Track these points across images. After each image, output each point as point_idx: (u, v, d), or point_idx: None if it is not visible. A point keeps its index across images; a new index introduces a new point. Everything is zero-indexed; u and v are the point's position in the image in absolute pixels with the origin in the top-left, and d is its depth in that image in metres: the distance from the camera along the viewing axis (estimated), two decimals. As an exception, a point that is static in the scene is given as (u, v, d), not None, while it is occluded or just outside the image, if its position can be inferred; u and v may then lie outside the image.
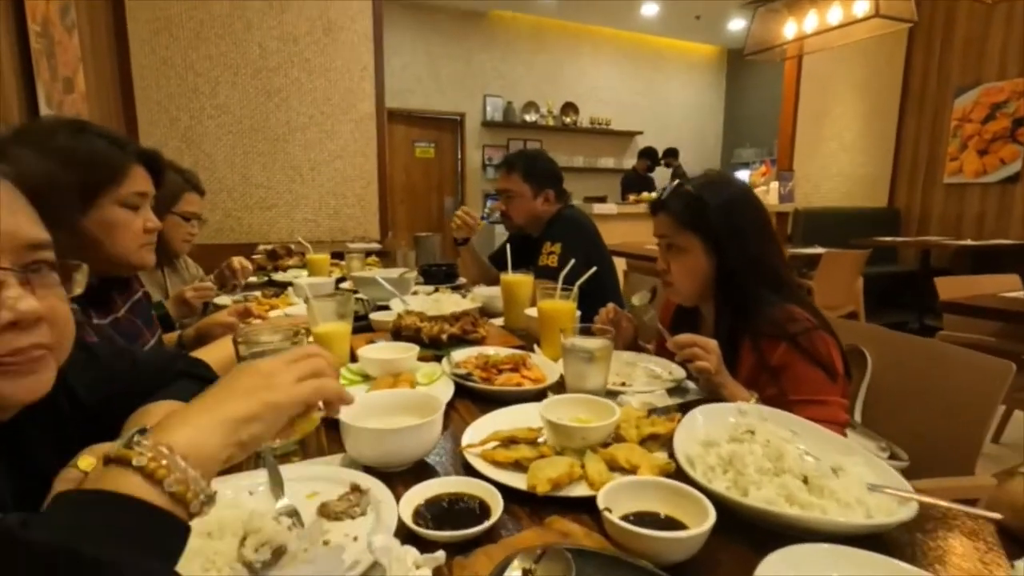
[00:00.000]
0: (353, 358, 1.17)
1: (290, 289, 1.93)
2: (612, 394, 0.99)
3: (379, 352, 1.10)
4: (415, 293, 1.92)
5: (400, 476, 0.73)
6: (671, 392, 1.03)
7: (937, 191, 6.00)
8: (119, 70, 3.93)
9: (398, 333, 1.29)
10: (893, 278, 5.51)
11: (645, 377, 1.12)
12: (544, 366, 1.12)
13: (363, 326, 1.50)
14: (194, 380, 0.79)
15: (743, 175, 7.90)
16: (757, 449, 0.65)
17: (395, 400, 0.82)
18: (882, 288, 5.21)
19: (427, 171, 7.37)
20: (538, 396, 1.01)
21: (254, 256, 2.68)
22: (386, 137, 4.88)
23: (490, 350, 1.20)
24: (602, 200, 5.55)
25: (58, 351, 0.54)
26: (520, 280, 1.48)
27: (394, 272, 2.01)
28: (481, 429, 0.83)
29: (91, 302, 1.06)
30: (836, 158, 6.41)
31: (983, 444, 1.07)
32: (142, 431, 0.43)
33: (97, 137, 1.03)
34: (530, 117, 7.56)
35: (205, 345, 1.38)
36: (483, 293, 1.72)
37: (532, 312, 1.40)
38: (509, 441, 0.74)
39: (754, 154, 8.16)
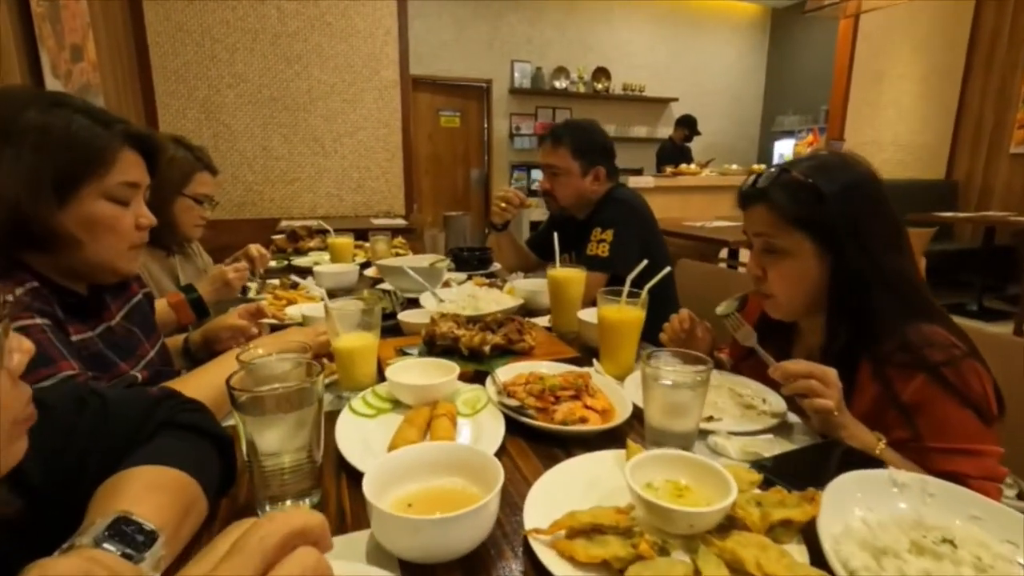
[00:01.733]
0: (379, 372, 0.99)
1: (310, 279, 1.76)
2: (700, 433, 0.79)
3: (412, 373, 0.92)
4: (446, 283, 1.74)
5: (445, 568, 0.55)
6: (774, 431, 0.83)
7: (1002, 162, 5.52)
8: (133, 37, 3.75)
9: (432, 342, 1.10)
10: (950, 256, 5.12)
11: (734, 406, 0.91)
12: (609, 389, 0.93)
13: (390, 326, 1.32)
14: (182, 432, 0.62)
15: (786, 145, 7.45)
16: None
17: (435, 458, 0.63)
18: (936, 267, 4.84)
19: (452, 141, 7.11)
20: (610, 434, 0.82)
21: (274, 237, 2.52)
22: (411, 106, 4.64)
23: (542, 367, 1.01)
24: (638, 172, 5.25)
25: None
26: (572, 277, 1.27)
27: (423, 260, 1.81)
28: (547, 494, 0.64)
29: (74, 313, 0.89)
30: (891, 125, 5.94)
31: None
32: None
33: (76, 113, 0.84)
34: (560, 84, 7.20)
35: (213, 349, 1.23)
36: (524, 287, 1.52)
37: (587, 316, 1.20)
38: (592, 529, 0.55)
39: (798, 122, 7.67)
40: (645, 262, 1.07)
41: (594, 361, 1.06)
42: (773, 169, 0.95)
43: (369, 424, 0.84)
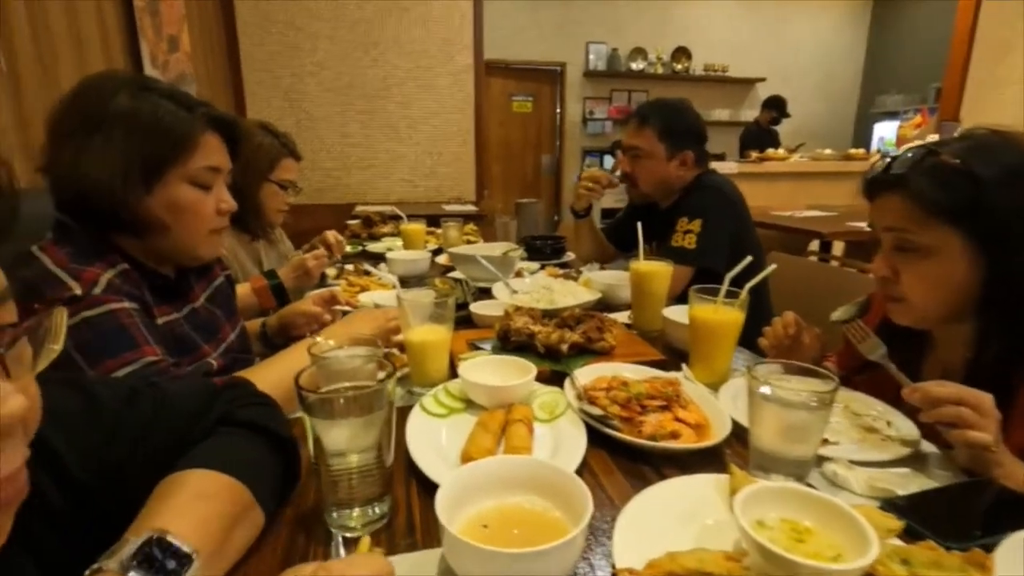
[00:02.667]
0: (451, 367, 0.94)
1: (383, 266, 1.75)
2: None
3: (485, 371, 0.86)
4: (519, 272, 1.68)
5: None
6: (906, 463, 0.70)
7: None
8: (224, 28, 3.93)
9: (506, 337, 1.04)
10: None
11: (853, 428, 0.79)
12: (702, 400, 0.83)
13: (462, 317, 1.27)
14: (241, 430, 0.58)
15: (887, 127, 6.80)
16: None
17: (514, 474, 0.57)
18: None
19: (524, 126, 7.02)
20: (706, 452, 0.72)
21: (349, 222, 2.56)
22: (484, 91, 4.60)
23: (625, 370, 0.93)
24: (720, 158, 4.93)
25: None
26: (657, 271, 1.17)
27: (496, 248, 1.76)
28: (638, 524, 0.56)
29: (161, 295, 0.90)
30: (1016, 104, 5.25)
31: None
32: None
33: (162, 98, 0.84)
34: (637, 65, 6.91)
35: (289, 334, 1.24)
36: (602, 279, 1.43)
37: (673, 315, 1.09)
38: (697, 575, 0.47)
39: (902, 101, 6.97)
40: (749, 259, 0.95)
41: (683, 367, 0.96)
42: (913, 151, 0.80)
43: (441, 425, 0.79)
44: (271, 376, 0.82)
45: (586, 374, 0.92)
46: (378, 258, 2.03)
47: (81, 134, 0.79)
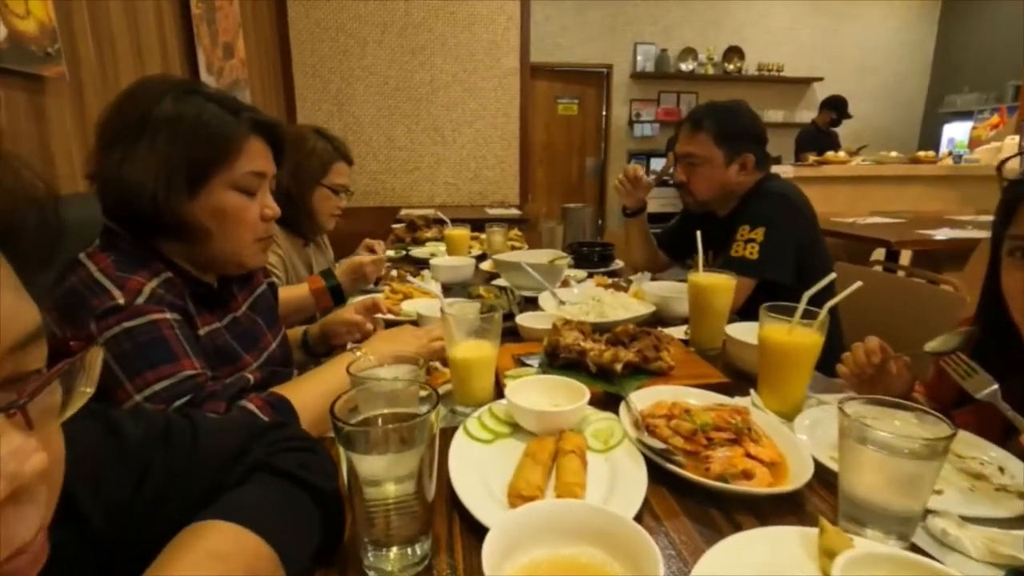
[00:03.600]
0: (496, 383, 0.89)
1: (426, 273, 1.71)
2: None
3: (533, 393, 0.80)
4: (565, 281, 1.61)
5: None
6: (1029, 521, 0.60)
7: None
8: (277, 34, 4.02)
9: (554, 354, 0.97)
10: None
11: (957, 474, 0.68)
12: (777, 434, 0.74)
13: (507, 328, 1.21)
14: (278, 480, 0.51)
15: (959, 128, 6.38)
16: None
17: (570, 521, 0.50)
18: None
19: (569, 129, 6.93)
20: (786, 498, 0.64)
21: (393, 226, 2.54)
22: (529, 94, 4.55)
23: (685, 394, 0.84)
24: (775, 161, 4.70)
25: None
26: (719, 284, 1.08)
27: (542, 255, 1.70)
28: (713, 586, 0.49)
29: (204, 303, 0.88)
30: (1109, 103, 4.81)
31: None
32: None
33: (208, 101, 0.82)
34: (687, 66, 6.72)
35: (330, 343, 1.21)
36: (655, 291, 1.34)
37: (737, 333, 1.00)
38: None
39: (976, 101, 6.51)
40: (833, 276, 0.85)
41: (751, 393, 0.87)
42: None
43: (486, 452, 0.73)
44: (309, 393, 0.78)
45: (643, 398, 0.84)
46: (422, 263, 2.00)
47: (127, 139, 0.77)
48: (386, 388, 0.60)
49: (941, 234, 2.99)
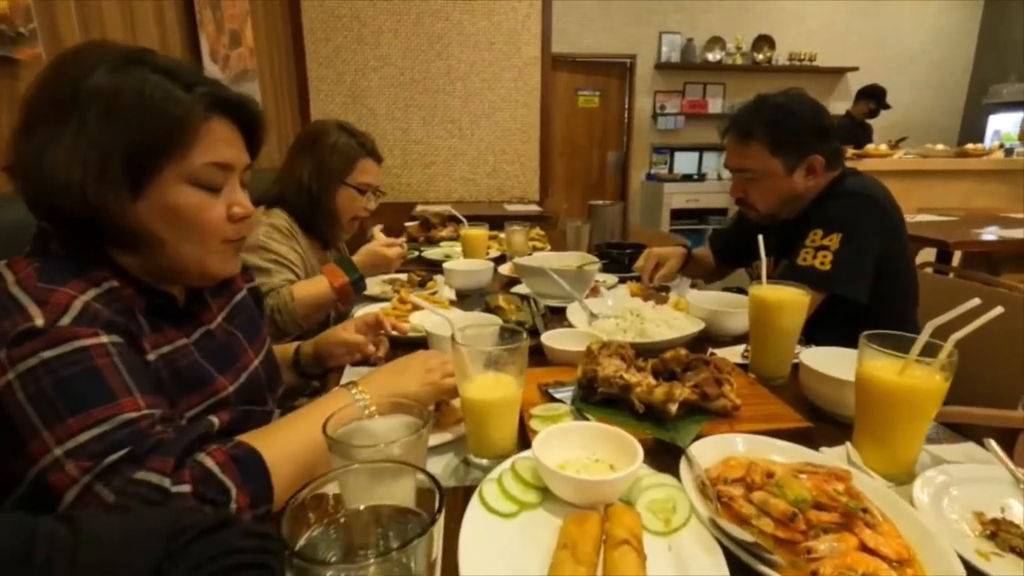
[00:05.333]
0: (521, 426, 0.71)
1: (439, 279, 1.55)
2: None
3: (567, 446, 0.62)
4: (594, 288, 1.43)
5: None
6: None
7: None
8: (290, 23, 3.88)
9: (591, 387, 0.80)
10: None
11: None
12: (895, 512, 0.55)
13: (531, 347, 1.04)
14: None
15: (1006, 120, 6.02)
16: None
17: None
18: None
19: (590, 122, 6.70)
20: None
21: (406, 224, 2.38)
22: (550, 84, 4.36)
23: (768, 449, 0.66)
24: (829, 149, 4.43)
25: None
26: (790, 301, 0.88)
27: (569, 259, 1.52)
28: None
29: (167, 315, 0.72)
30: None
31: None
32: None
33: (154, 72, 0.65)
34: (714, 56, 6.44)
35: (325, 365, 1.04)
36: (702, 304, 1.15)
37: (817, 363, 0.81)
38: None
39: (1023, 91, 6.13)
40: (976, 302, 0.64)
41: (848, 448, 0.68)
42: None
43: (508, 529, 0.56)
44: (287, 445, 0.62)
45: (707, 451, 0.66)
46: (435, 265, 1.84)
47: (50, 120, 0.61)
48: (371, 468, 0.43)
49: (1001, 234, 2.73)
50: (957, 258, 3.26)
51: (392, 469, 0.42)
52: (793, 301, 0.89)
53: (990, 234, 2.76)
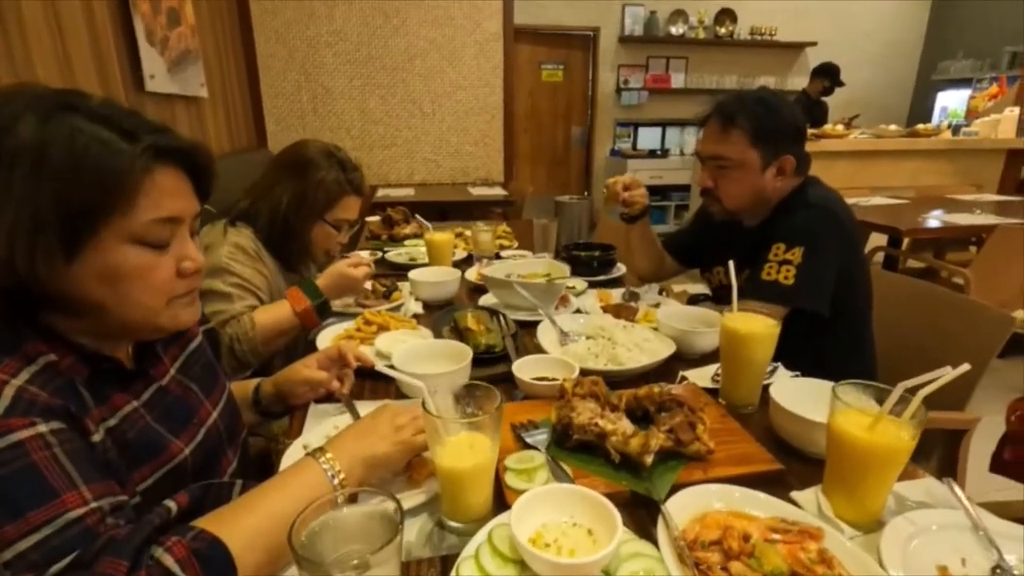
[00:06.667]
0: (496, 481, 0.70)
1: (405, 288, 1.50)
2: None
3: (542, 511, 0.61)
4: (563, 297, 1.41)
5: None
6: None
7: None
8: (234, -5, 3.63)
9: (565, 433, 0.79)
10: None
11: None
12: (861, 568, 0.57)
13: (500, 376, 1.02)
14: None
15: (953, 97, 6.23)
16: None
17: None
18: None
19: (554, 96, 6.60)
20: None
21: (368, 219, 2.30)
22: (513, 62, 4.24)
23: (743, 503, 0.67)
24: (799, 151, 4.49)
25: None
26: (760, 334, 0.88)
27: (536, 267, 1.49)
28: None
29: (113, 379, 0.67)
30: (1109, 73, 4.67)
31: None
32: None
33: (90, 122, 0.58)
34: (676, 29, 6.40)
35: (287, 403, 1.00)
36: (672, 323, 1.15)
37: (786, 399, 0.82)
38: None
39: (971, 68, 6.33)
40: (950, 371, 0.65)
41: (818, 496, 0.69)
42: None
43: (487, 612, 0.55)
44: (252, 531, 0.58)
45: (683, 507, 0.66)
46: (400, 269, 1.79)
47: None
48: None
49: (949, 219, 2.84)
50: (907, 242, 3.40)
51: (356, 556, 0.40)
52: (764, 333, 0.89)
53: (935, 220, 2.87)
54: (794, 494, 0.72)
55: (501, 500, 0.69)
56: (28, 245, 0.55)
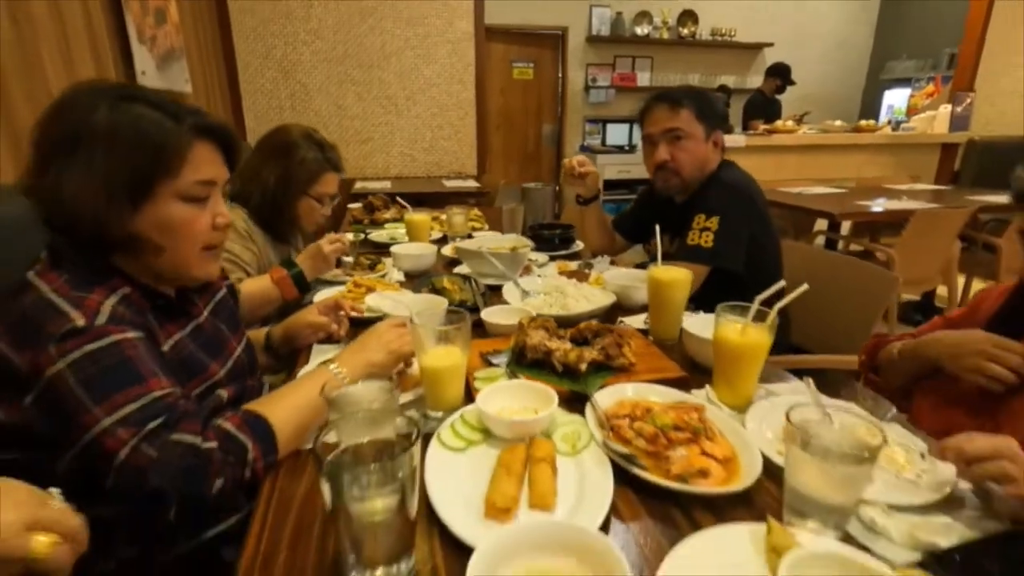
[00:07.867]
0: (467, 390, 0.91)
1: (387, 261, 1.70)
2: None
3: (503, 398, 0.83)
4: (527, 267, 1.63)
5: None
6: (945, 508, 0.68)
7: None
8: (213, -5, 3.75)
9: (522, 353, 1.01)
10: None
11: (888, 463, 0.76)
12: (729, 430, 0.80)
13: (474, 322, 1.23)
14: None
15: (898, 95, 6.64)
16: None
17: (545, 537, 0.54)
18: None
19: (525, 94, 6.82)
20: (737, 495, 0.70)
21: (350, 207, 2.49)
22: (485, 60, 4.44)
23: (648, 392, 0.90)
24: (729, 129, 4.81)
25: None
26: (677, 279, 1.12)
27: (504, 241, 1.71)
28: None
29: (165, 314, 0.86)
30: (1033, 74, 5.10)
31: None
32: None
33: (146, 107, 0.78)
34: (641, 30, 6.67)
35: (294, 345, 1.20)
36: (616, 280, 1.38)
37: (694, 327, 1.05)
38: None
39: (914, 68, 6.77)
40: (782, 284, 0.90)
41: (707, 389, 0.93)
42: None
43: (460, 459, 0.76)
44: (285, 410, 0.79)
45: (607, 396, 0.89)
46: (382, 247, 1.99)
47: (62, 155, 0.73)
48: (364, 416, 0.61)
49: (878, 206, 3.15)
50: (847, 227, 3.72)
51: (382, 413, 0.61)
52: (680, 280, 1.12)
53: (871, 207, 3.17)
54: (694, 392, 0.95)
55: (470, 398, 0.90)
56: (107, 201, 0.75)
